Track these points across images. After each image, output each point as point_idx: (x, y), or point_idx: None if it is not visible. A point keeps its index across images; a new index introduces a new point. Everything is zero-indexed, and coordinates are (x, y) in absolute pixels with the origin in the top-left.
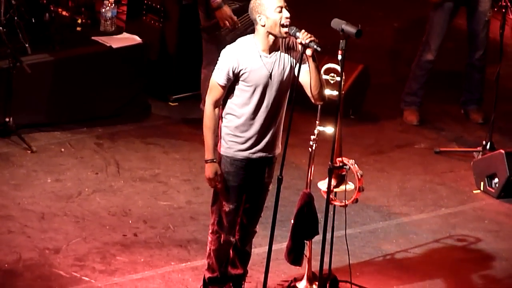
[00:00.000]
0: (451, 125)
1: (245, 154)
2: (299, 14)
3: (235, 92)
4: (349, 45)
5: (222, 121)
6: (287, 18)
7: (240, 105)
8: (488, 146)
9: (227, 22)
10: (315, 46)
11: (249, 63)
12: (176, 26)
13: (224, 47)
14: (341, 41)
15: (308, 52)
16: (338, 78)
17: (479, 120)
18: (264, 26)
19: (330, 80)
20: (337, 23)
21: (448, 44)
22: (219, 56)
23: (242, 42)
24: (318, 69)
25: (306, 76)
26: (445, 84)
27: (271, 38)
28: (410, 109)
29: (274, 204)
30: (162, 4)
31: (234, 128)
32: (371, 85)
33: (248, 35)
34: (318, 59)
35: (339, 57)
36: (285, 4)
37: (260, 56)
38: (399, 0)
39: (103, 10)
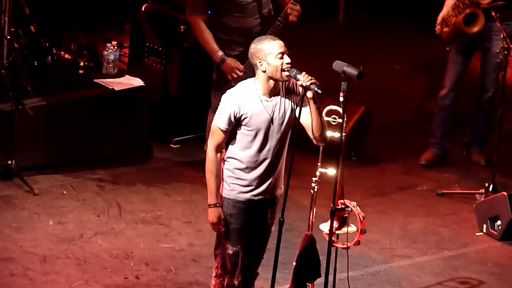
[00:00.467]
0: (454, 167)
1: (247, 196)
2: (300, 55)
3: (237, 136)
4: (350, 86)
5: (224, 163)
6: (288, 63)
7: (242, 148)
8: (490, 188)
9: (234, 74)
10: (315, 88)
11: (250, 107)
12: (178, 68)
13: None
14: (342, 83)
15: (309, 94)
16: (340, 120)
17: (481, 163)
18: (265, 71)
19: (332, 122)
20: (339, 65)
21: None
22: None
23: (243, 86)
24: (319, 111)
25: (307, 117)
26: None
27: (272, 82)
28: (428, 149)
29: (276, 245)
30: (164, 46)
31: (236, 171)
32: (373, 126)
33: (248, 79)
34: (320, 101)
35: (341, 99)
36: (286, 49)
37: (261, 100)
38: (400, 42)
39: (106, 52)
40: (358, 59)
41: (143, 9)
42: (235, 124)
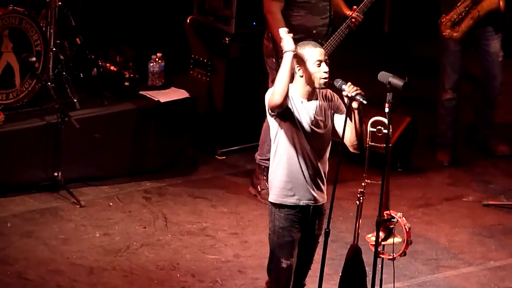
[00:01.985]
0: (499, 178)
1: (292, 200)
2: (346, 66)
3: (280, 138)
4: (395, 97)
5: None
6: (325, 72)
7: (284, 151)
8: None
9: None
10: (361, 99)
11: (294, 102)
12: (223, 80)
13: None
14: (388, 94)
15: (354, 104)
16: (386, 131)
17: (508, 152)
18: (302, 77)
19: (377, 133)
20: (384, 76)
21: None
22: None
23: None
24: (361, 121)
25: (343, 125)
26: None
27: (309, 88)
28: (442, 150)
29: (322, 256)
30: (210, 58)
31: (280, 174)
32: (418, 137)
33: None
34: (365, 112)
35: (386, 109)
36: (326, 58)
37: (302, 101)
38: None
39: (151, 64)
40: (403, 69)
41: (188, 20)
42: (284, 113)
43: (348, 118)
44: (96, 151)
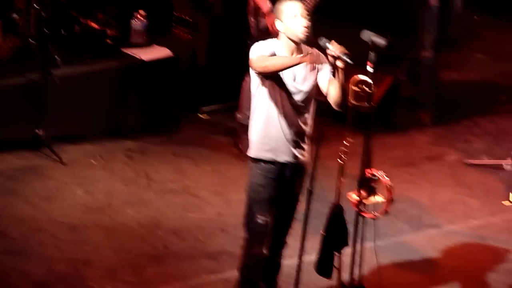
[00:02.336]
0: (481, 137)
1: (270, 155)
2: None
3: (261, 93)
4: (379, 57)
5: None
6: (304, 26)
7: (265, 107)
8: None
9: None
10: (346, 59)
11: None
12: (206, 38)
13: None
14: (370, 53)
15: (339, 64)
16: (368, 90)
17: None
18: (283, 32)
19: (360, 92)
20: (367, 35)
21: (477, 55)
22: None
23: (270, 42)
24: (343, 81)
25: (327, 83)
26: (475, 95)
27: (292, 43)
28: (424, 110)
29: (304, 215)
30: (193, 16)
31: (259, 129)
32: (401, 97)
33: (273, 39)
34: (348, 71)
35: (369, 69)
36: (306, 12)
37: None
38: None
39: (134, 22)
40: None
41: None
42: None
43: (332, 76)
44: (78, 108)
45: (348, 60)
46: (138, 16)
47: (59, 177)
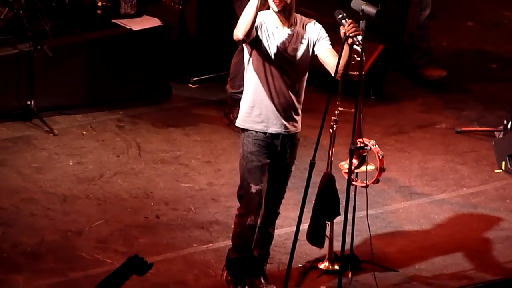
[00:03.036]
0: (472, 105)
1: (260, 126)
2: None
3: (250, 64)
4: (369, 25)
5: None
6: None
7: (255, 78)
8: (509, 126)
9: None
10: (358, 41)
11: (269, 29)
12: (196, 8)
13: None
14: (361, 21)
15: (349, 41)
16: (359, 59)
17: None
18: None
19: (351, 56)
20: (357, 4)
21: (468, 23)
22: None
23: (263, 12)
24: (349, 56)
25: (328, 55)
26: (466, 64)
27: (280, 14)
28: (430, 67)
29: (305, 187)
30: None
31: (250, 100)
32: (391, 65)
33: (266, 10)
34: (337, 40)
35: (359, 37)
36: None
37: (276, 27)
38: None
39: None
40: None
41: None
42: (255, 39)
43: (331, 47)
44: (69, 79)
45: (359, 46)
46: None
47: (50, 148)
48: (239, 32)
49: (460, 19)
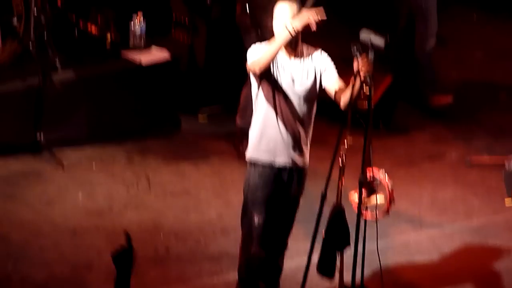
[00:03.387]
0: (482, 135)
1: (267, 159)
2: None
3: (259, 96)
4: (378, 56)
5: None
6: (284, 28)
7: (263, 109)
8: None
9: None
10: (368, 79)
11: (277, 60)
12: (205, 41)
13: None
14: (369, 52)
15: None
16: (368, 90)
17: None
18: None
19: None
20: (366, 34)
21: (477, 53)
22: None
23: (267, 43)
24: (358, 89)
25: (335, 85)
26: (475, 94)
27: (288, 45)
28: (437, 94)
29: (316, 219)
30: (191, 19)
31: (257, 132)
32: (401, 96)
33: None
34: (345, 71)
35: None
36: (290, 14)
37: (284, 59)
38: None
39: (132, 25)
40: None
41: None
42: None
43: (338, 76)
44: (78, 112)
45: (368, 80)
46: (137, 19)
47: (59, 180)
48: (257, 66)
49: (470, 49)
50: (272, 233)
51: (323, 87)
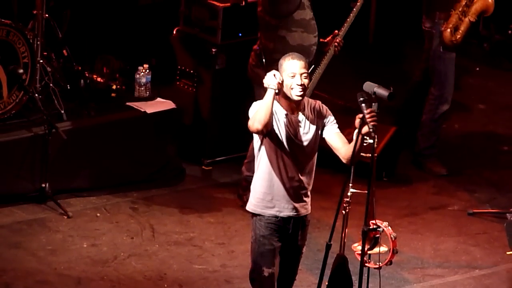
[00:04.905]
0: (484, 186)
1: (272, 212)
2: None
3: (261, 151)
4: (381, 107)
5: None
6: (299, 85)
7: (266, 163)
8: None
9: None
10: (371, 131)
11: (278, 116)
12: (210, 90)
13: None
14: (373, 104)
15: (365, 129)
16: (371, 141)
17: (444, 172)
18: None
19: (363, 143)
20: (369, 86)
21: (480, 105)
22: None
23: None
24: (361, 143)
25: (337, 139)
26: (477, 147)
27: (291, 100)
28: (433, 160)
29: (321, 268)
30: (196, 69)
31: (260, 186)
32: (403, 147)
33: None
34: (350, 122)
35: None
36: (304, 71)
37: (286, 114)
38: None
39: (137, 76)
40: (388, 80)
41: (174, 32)
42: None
43: (339, 131)
44: (83, 162)
45: (372, 133)
46: (142, 69)
47: (64, 230)
48: (257, 123)
49: (472, 102)
50: (278, 283)
51: (325, 140)
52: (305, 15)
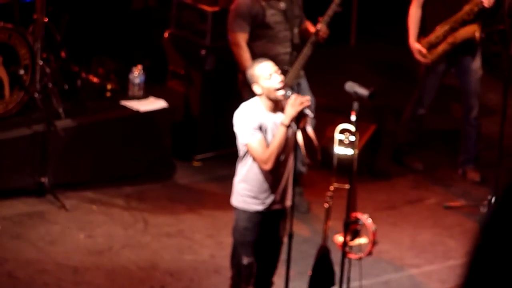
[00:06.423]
0: (459, 182)
1: (256, 207)
2: (315, 75)
3: (245, 149)
4: (362, 106)
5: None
6: (279, 82)
7: (249, 160)
8: (493, 201)
9: None
10: (306, 112)
11: (262, 120)
12: (199, 90)
13: None
14: (354, 102)
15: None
16: (352, 138)
17: (477, 179)
18: (262, 94)
19: (344, 140)
20: (351, 86)
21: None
22: None
23: (250, 103)
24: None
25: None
26: (455, 144)
27: (270, 101)
28: (412, 157)
29: (287, 258)
30: (186, 70)
31: (243, 180)
32: (383, 144)
33: (254, 98)
34: (333, 120)
35: (353, 117)
36: (276, 68)
37: (267, 115)
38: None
39: (131, 76)
40: (368, 81)
41: (166, 35)
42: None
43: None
44: (80, 158)
45: (307, 113)
46: (136, 70)
47: (62, 222)
48: (271, 164)
49: (450, 101)
50: (260, 272)
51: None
52: (271, 32)
